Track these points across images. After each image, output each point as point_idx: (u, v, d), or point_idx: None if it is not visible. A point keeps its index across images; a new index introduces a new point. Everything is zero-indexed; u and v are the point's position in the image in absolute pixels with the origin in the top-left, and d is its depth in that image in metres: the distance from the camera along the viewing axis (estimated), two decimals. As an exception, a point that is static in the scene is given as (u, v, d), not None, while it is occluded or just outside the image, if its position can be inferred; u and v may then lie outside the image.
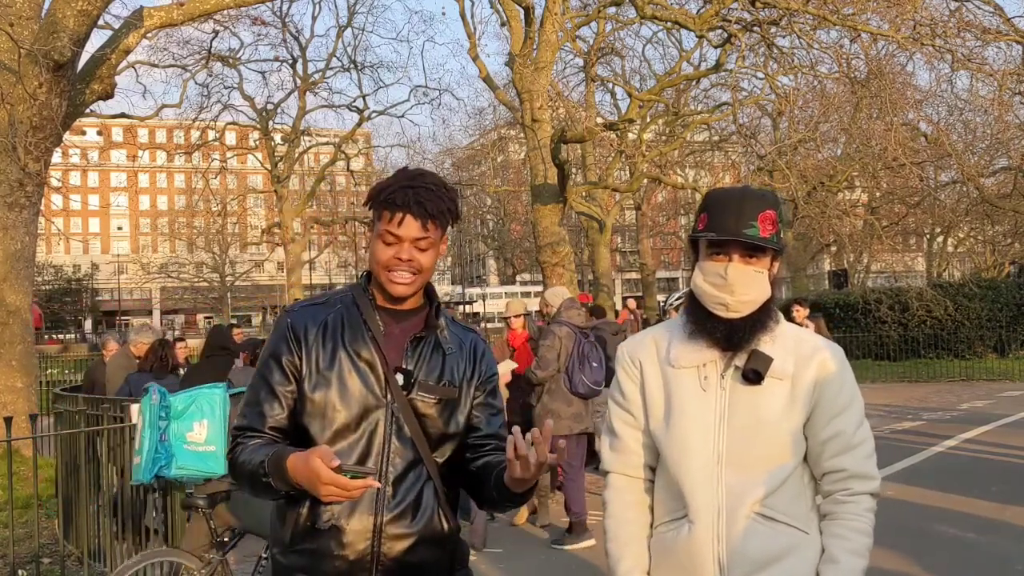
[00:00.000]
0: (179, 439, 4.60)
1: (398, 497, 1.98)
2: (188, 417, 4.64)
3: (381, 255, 2.01)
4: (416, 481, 2.00)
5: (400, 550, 1.97)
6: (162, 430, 4.55)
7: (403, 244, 2.00)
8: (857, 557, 1.96)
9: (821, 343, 2.08)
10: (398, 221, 1.99)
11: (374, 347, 2.02)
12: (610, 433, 2.18)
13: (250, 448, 1.98)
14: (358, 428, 1.97)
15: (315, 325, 2.04)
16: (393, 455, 1.98)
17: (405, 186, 2.00)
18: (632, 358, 2.16)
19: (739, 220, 1.97)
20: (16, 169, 9.89)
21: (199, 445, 4.59)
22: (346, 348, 2.02)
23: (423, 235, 2.00)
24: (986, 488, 7.93)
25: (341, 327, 2.04)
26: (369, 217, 2.12)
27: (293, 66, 32.54)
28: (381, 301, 2.07)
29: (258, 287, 65.71)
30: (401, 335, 2.05)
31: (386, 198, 2.00)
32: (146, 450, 4.54)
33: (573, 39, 20.30)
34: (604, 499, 2.19)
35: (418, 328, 2.07)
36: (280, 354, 2.04)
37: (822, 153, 20.85)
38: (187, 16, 11.58)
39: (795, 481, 2.01)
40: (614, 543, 2.13)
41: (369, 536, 1.95)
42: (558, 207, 15.05)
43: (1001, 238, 34.75)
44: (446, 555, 2.06)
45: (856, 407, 2.04)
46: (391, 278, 2.01)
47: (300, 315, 2.07)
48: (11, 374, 9.80)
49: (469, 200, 47.14)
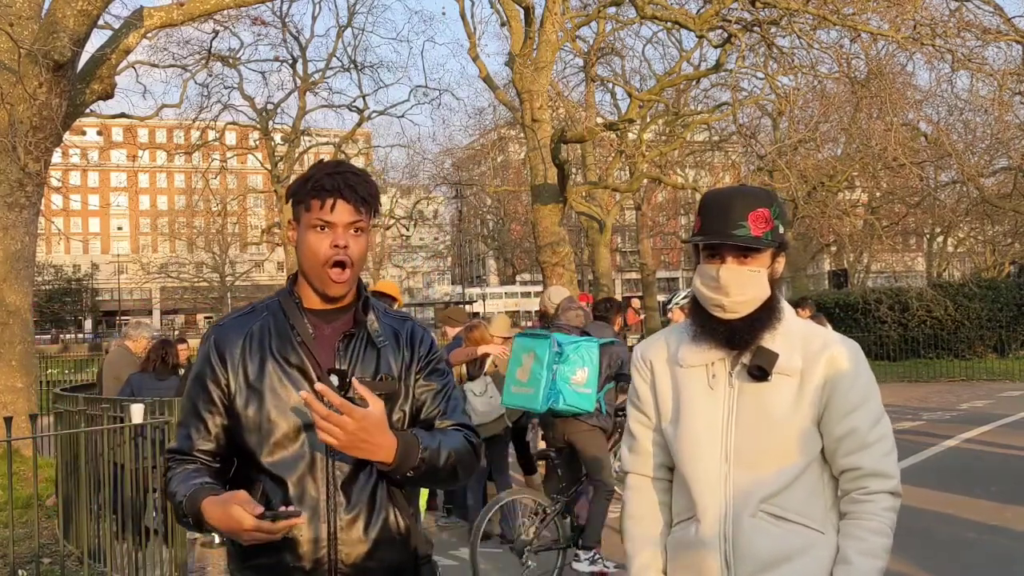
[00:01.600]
0: (564, 380, 5.54)
1: (352, 500, 1.93)
2: (572, 363, 5.55)
3: (317, 247, 1.95)
4: (367, 482, 1.95)
5: (358, 554, 1.93)
6: (553, 372, 5.53)
7: (336, 230, 1.95)
8: (871, 558, 1.93)
9: (833, 338, 2.06)
10: (330, 206, 1.95)
11: (304, 352, 1.96)
12: (628, 434, 2.21)
13: (177, 477, 1.94)
14: (298, 438, 1.92)
15: (239, 337, 1.99)
16: (338, 459, 1.93)
17: (331, 173, 1.97)
18: (644, 359, 2.17)
19: (728, 222, 1.97)
20: (16, 169, 9.89)
21: (580, 387, 5.54)
22: (275, 357, 1.96)
23: (356, 218, 1.96)
24: (986, 488, 7.94)
25: (268, 336, 1.98)
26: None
27: (293, 66, 32.53)
28: (309, 303, 2.02)
29: (258, 287, 65.68)
30: (332, 335, 2.00)
31: (314, 186, 1.96)
32: (543, 386, 5.49)
33: (573, 39, 20.30)
34: (623, 499, 2.21)
35: (349, 326, 2.02)
36: (204, 375, 1.99)
37: (822, 153, 20.86)
38: (187, 16, 11.58)
39: (810, 479, 1.99)
40: (630, 542, 2.15)
41: (324, 544, 1.91)
42: (558, 207, 15.04)
43: (1001, 238, 34.76)
44: (407, 552, 2.01)
45: (871, 404, 2.01)
46: (331, 276, 1.96)
47: (223, 330, 2.02)
48: (11, 374, 9.80)
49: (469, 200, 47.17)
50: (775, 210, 2.01)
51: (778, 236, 2.01)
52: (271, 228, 38.97)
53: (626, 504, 2.19)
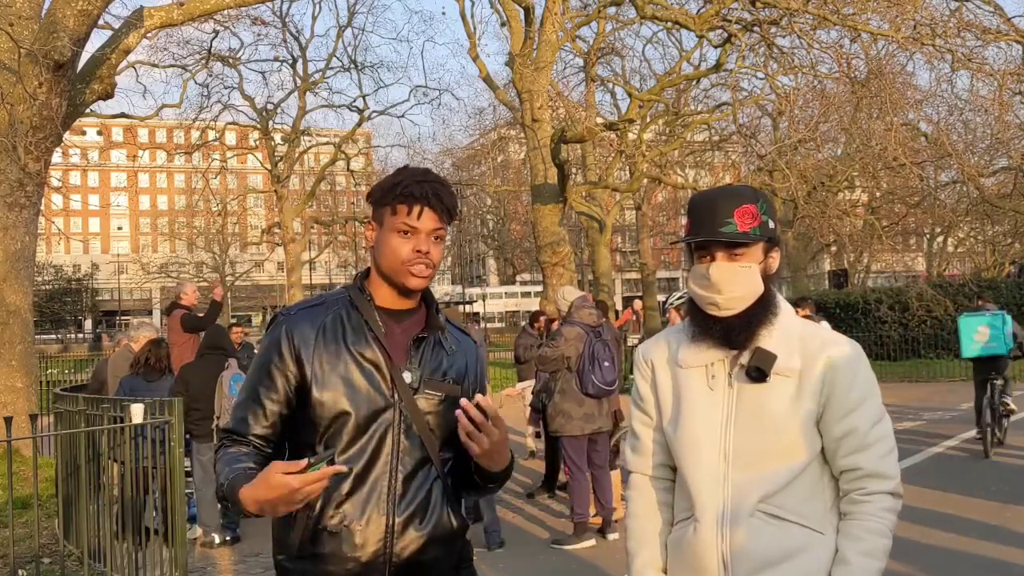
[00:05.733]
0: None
1: (409, 496, 1.98)
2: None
3: (400, 249, 2.00)
4: (425, 480, 2.01)
5: (412, 550, 1.97)
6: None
7: (420, 236, 2.01)
8: (870, 558, 1.93)
9: (832, 338, 2.06)
10: (417, 214, 2.00)
11: (378, 347, 2.01)
12: (631, 434, 2.23)
13: (224, 459, 1.97)
14: (368, 429, 1.97)
15: (314, 329, 2.03)
16: (403, 454, 1.99)
17: (420, 180, 2.02)
18: (645, 359, 2.19)
19: (716, 220, 1.98)
20: (16, 169, 9.89)
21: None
22: (349, 350, 2.00)
23: (439, 226, 2.03)
24: (986, 488, 7.94)
25: (342, 329, 2.03)
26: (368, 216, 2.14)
27: (293, 66, 32.54)
28: (379, 302, 2.07)
29: (258, 287, 65.72)
30: (402, 335, 2.06)
31: (403, 191, 2.01)
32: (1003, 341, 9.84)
33: (573, 39, 20.30)
34: (626, 498, 2.24)
35: (417, 327, 2.08)
36: (272, 361, 2.01)
37: (822, 153, 20.83)
38: (187, 16, 11.58)
39: (809, 480, 1.99)
40: (632, 541, 2.17)
41: (382, 537, 1.95)
42: (558, 207, 15.04)
43: (1001, 238, 34.77)
44: (454, 553, 2.07)
45: (871, 404, 2.01)
46: (412, 271, 2.01)
47: (297, 319, 2.05)
48: (11, 374, 9.80)
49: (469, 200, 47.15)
50: (762, 205, 2.01)
51: (767, 230, 2.01)
52: (271, 228, 38.95)
53: (629, 503, 2.21)
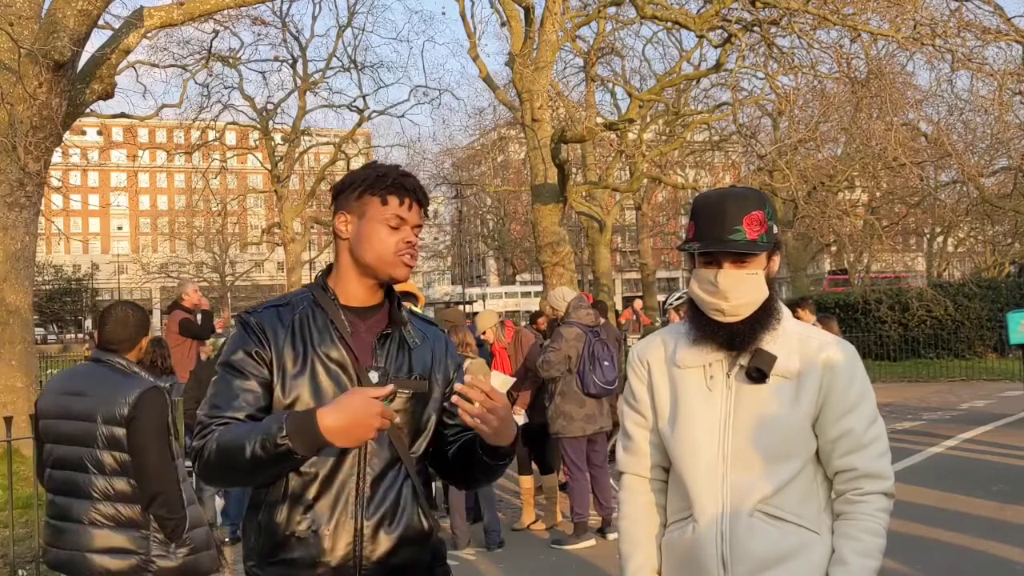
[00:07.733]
0: None
1: (378, 498, 1.95)
2: None
3: (389, 240, 1.99)
4: (395, 481, 1.98)
5: (382, 552, 1.95)
6: None
7: (407, 228, 2.01)
8: (867, 558, 1.94)
9: (829, 340, 2.06)
10: (408, 205, 1.99)
11: (344, 348, 1.99)
12: (624, 435, 2.21)
13: (235, 427, 1.88)
14: None
15: (282, 328, 1.99)
16: (371, 455, 1.96)
17: (405, 175, 2.02)
18: (641, 359, 2.18)
19: (724, 227, 1.97)
20: (16, 169, 9.89)
21: None
22: (316, 351, 1.97)
23: (421, 221, 2.03)
24: (986, 488, 7.94)
25: (308, 330, 2.00)
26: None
27: (293, 66, 32.50)
28: (344, 300, 2.05)
29: (258, 287, 65.65)
30: (367, 333, 2.03)
31: (395, 183, 1.99)
32: None
33: (573, 39, 20.28)
34: (619, 500, 2.23)
35: (382, 325, 2.05)
36: (250, 347, 1.97)
37: (822, 153, 20.81)
38: (187, 16, 11.56)
39: (805, 480, 2.00)
40: (626, 543, 2.16)
41: (351, 541, 1.92)
42: (558, 207, 15.03)
43: (1001, 238, 34.75)
44: (427, 553, 2.04)
45: (866, 405, 2.02)
46: (402, 260, 2.00)
47: (265, 315, 2.01)
48: (11, 374, 9.80)
49: (469, 200, 47.16)
50: (768, 211, 2.01)
51: (773, 237, 2.02)
52: (271, 228, 38.93)
53: (622, 504, 2.19)
